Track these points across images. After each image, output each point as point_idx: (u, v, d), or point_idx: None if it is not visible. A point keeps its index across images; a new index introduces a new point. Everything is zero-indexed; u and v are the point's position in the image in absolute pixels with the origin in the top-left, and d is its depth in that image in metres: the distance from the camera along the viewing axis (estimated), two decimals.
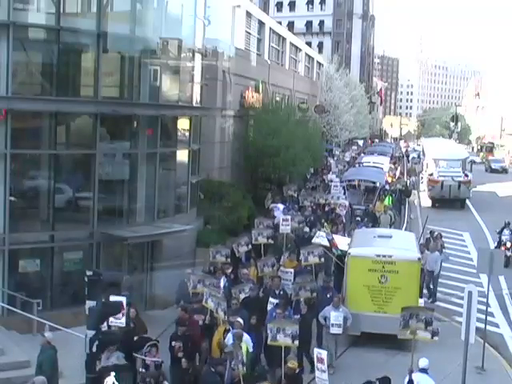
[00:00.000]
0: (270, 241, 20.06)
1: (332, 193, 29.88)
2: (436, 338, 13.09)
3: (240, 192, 27.09)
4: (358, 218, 25.56)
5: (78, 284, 16.43)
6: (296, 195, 29.12)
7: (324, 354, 11.99)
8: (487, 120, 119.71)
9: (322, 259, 17.77)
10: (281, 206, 26.01)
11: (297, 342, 12.18)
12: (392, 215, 27.11)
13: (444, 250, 22.77)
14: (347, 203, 27.16)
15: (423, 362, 11.93)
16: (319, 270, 19.77)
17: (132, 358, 12.48)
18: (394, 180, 38.05)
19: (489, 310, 16.77)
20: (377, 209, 28.48)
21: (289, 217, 21.49)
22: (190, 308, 14.52)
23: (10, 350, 14.02)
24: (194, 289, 15.32)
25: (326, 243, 20.41)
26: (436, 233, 23.71)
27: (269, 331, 12.32)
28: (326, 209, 27.43)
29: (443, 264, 22.80)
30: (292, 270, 17.57)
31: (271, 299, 15.31)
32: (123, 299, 13.23)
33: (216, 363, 11.74)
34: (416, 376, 11.66)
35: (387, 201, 30.58)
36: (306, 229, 22.49)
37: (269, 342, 12.37)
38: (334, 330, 14.54)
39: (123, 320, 13.18)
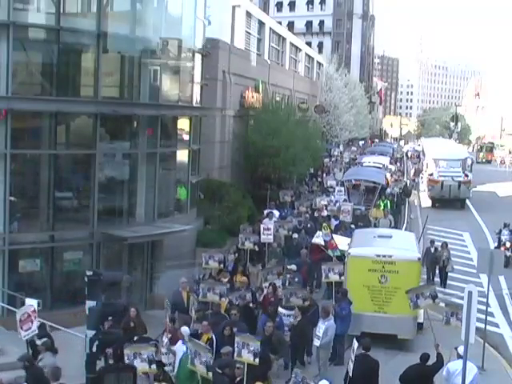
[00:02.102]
0: (256, 247, 19.75)
1: (336, 198, 29.55)
2: (437, 301, 14.13)
3: (240, 192, 27.09)
4: (353, 226, 24.93)
5: (78, 284, 16.46)
6: (292, 200, 28.80)
7: (355, 344, 12.19)
8: (487, 120, 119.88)
9: (343, 277, 16.84)
10: (276, 213, 25.66)
11: (257, 360, 11.51)
12: (392, 220, 26.82)
13: (450, 261, 22.08)
14: (350, 208, 26.34)
15: (461, 349, 12.12)
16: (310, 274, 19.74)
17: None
18: (395, 180, 37.75)
19: (489, 310, 16.77)
20: (373, 215, 27.79)
21: (271, 225, 20.88)
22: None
23: (9, 350, 14.02)
24: (203, 297, 14.92)
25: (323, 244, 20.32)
26: (442, 242, 22.90)
27: (235, 345, 11.78)
28: (324, 214, 26.67)
29: (449, 274, 22.43)
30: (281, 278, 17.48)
31: (281, 309, 15.18)
32: (34, 302, 13.05)
33: (224, 365, 11.68)
34: (458, 363, 12.00)
35: (383, 205, 30.27)
36: (295, 235, 22.07)
37: (235, 356, 11.75)
38: (314, 341, 14.33)
39: (34, 326, 12.85)
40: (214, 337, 13.04)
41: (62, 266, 17.70)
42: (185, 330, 13.10)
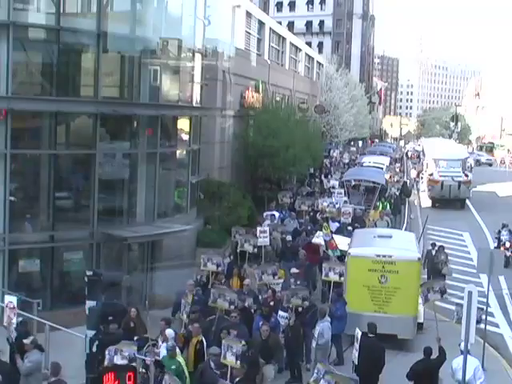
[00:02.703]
0: (255, 250, 19.54)
1: (336, 200, 29.45)
2: (445, 296, 15.24)
3: (240, 192, 27.08)
4: (350, 228, 24.86)
5: (78, 284, 16.46)
6: (292, 201, 28.69)
7: (359, 333, 12.46)
8: (487, 120, 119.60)
9: (342, 278, 16.72)
10: (276, 214, 25.52)
11: (239, 363, 11.46)
12: (389, 221, 26.67)
13: (449, 265, 21.72)
14: (351, 210, 26.20)
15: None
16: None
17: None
18: (396, 181, 37.55)
19: (489, 310, 16.77)
20: (371, 217, 27.60)
21: (266, 228, 20.68)
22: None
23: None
24: (213, 303, 14.72)
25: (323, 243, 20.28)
26: (439, 245, 22.51)
27: (222, 348, 11.80)
28: (325, 215, 26.29)
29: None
30: (282, 280, 17.42)
31: (281, 312, 15.10)
32: (14, 299, 12.95)
33: (222, 365, 11.68)
34: (460, 358, 12.18)
35: (382, 207, 30.19)
36: (289, 237, 21.96)
37: (221, 359, 11.76)
38: (312, 342, 14.40)
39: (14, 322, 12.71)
40: (203, 339, 12.95)
41: (62, 266, 17.69)
42: (169, 332, 13.02)
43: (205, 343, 12.89)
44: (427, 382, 12.44)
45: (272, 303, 15.62)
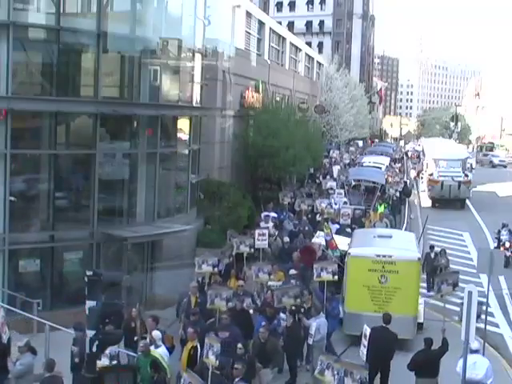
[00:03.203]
0: (252, 250, 19.38)
1: (336, 201, 29.37)
2: (457, 289, 15.40)
3: (240, 192, 27.08)
4: (349, 230, 24.72)
5: (78, 284, 16.47)
6: (292, 201, 28.63)
7: (368, 330, 12.52)
8: (487, 120, 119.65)
9: (336, 277, 16.55)
10: (273, 215, 25.45)
11: (217, 362, 11.40)
12: (388, 223, 26.58)
13: (448, 270, 21.97)
14: (350, 211, 26.13)
15: (475, 345, 12.56)
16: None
17: None
18: (396, 182, 37.43)
19: (489, 310, 16.77)
20: (371, 219, 27.69)
21: (266, 231, 20.51)
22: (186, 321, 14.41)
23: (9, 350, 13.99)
24: (211, 305, 14.60)
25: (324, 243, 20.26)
26: (440, 249, 22.29)
27: (204, 347, 11.76)
28: (324, 216, 26.01)
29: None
30: (280, 283, 17.22)
31: (281, 314, 14.96)
32: None
33: (221, 366, 11.65)
34: (472, 357, 12.29)
35: (381, 209, 30.13)
36: (286, 239, 21.86)
37: (204, 358, 11.76)
38: (308, 340, 14.32)
39: None
40: (198, 345, 12.77)
41: (62, 265, 17.70)
42: (156, 334, 12.95)
43: (199, 349, 12.68)
44: (428, 372, 12.57)
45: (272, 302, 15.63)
